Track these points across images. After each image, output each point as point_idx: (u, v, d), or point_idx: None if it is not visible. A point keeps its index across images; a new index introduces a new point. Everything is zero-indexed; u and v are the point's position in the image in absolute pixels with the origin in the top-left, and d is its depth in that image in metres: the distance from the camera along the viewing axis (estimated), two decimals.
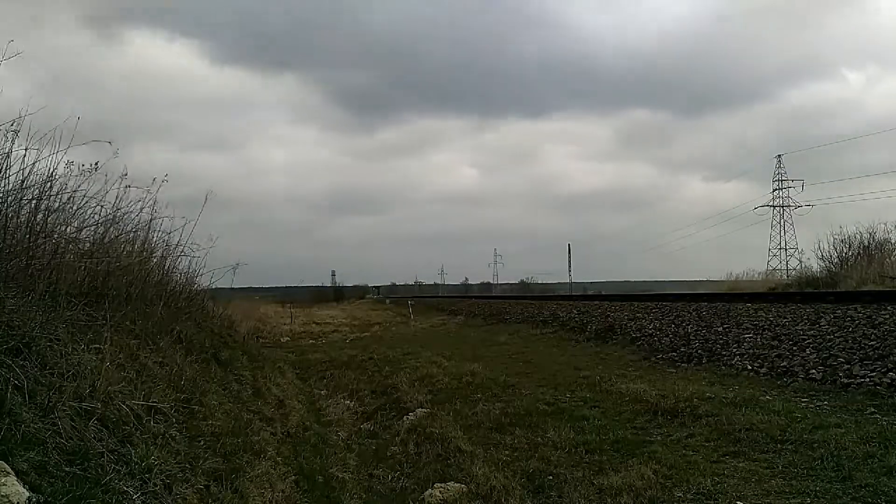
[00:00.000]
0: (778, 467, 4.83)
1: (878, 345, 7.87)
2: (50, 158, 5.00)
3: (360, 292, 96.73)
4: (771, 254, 50.17)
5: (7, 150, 4.53)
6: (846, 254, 21.74)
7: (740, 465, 5.00)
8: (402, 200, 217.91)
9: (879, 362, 7.42)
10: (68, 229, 5.47)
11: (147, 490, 3.11)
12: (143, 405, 3.96)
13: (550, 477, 5.17)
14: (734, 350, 9.91)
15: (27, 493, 2.36)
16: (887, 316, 8.70)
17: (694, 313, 13.09)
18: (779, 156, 51.33)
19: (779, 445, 5.33)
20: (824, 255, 22.55)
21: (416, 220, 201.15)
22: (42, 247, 4.75)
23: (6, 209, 4.37)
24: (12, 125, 4.55)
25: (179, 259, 8.79)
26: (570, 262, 70.87)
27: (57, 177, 5.19)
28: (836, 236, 22.10)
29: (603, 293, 35.58)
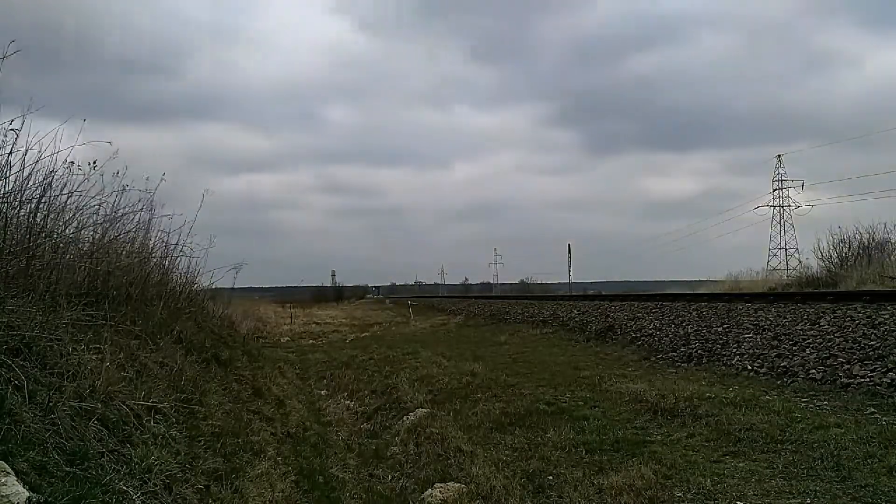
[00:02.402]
0: (778, 467, 4.83)
1: (877, 345, 7.87)
2: (50, 158, 5.00)
3: (360, 292, 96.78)
4: (771, 254, 50.11)
5: (7, 150, 4.52)
6: (846, 254, 21.77)
7: (740, 465, 5.00)
8: None
9: (879, 362, 7.42)
10: (68, 230, 5.47)
11: (147, 490, 3.11)
12: (143, 405, 3.96)
13: (550, 477, 5.17)
14: (734, 350, 9.91)
15: (27, 494, 2.36)
16: (887, 316, 8.70)
17: (694, 313, 13.09)
18: (779, 156, 51.17)
19: (779, 445, 5.33)
20: (824, 255, 22.60)
21: None
22: (42, 247, 4.75)
23: (6, 209, 4.37)
24: (10, 124, 4.54)
25: (179, 259, 8.79)
26: (570, 262, 70.81)
27: (57, 177, 5.19)
28: (836, 236, 22.15)
29: (603, 293, 35.59)
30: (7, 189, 4.53)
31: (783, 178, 50.66)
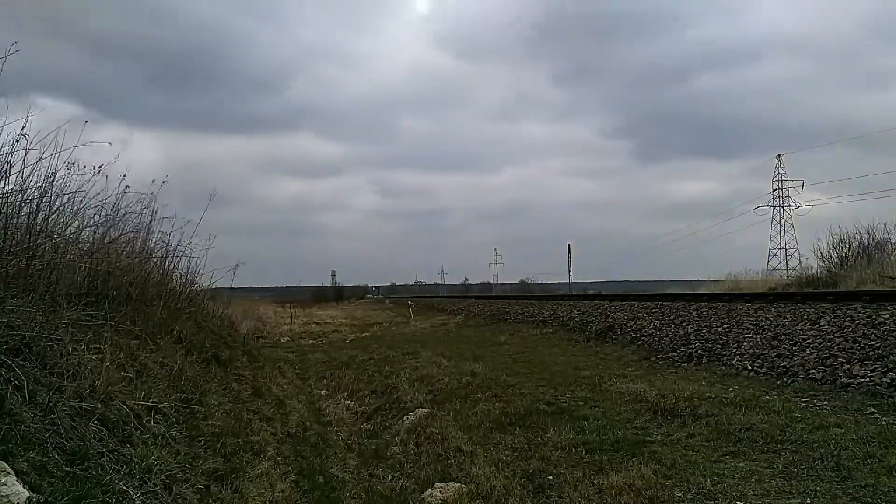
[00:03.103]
0: (778, 467, 4.83)
1: (877, 345, 7.87)
2: (51, 159, 5.00)
3: (360, 292, 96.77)
4: (771, 254, 50.13)
5: (9, 151, 4.52)
6: (846, 254, 21.76)
7: (740, 465, 5.00)
8: None
9: (879, 362, 7.42)
10: (68, 230, 5.47)
11: (147, 490, 3.11)
12: (143, 405, 3.96)
13: (550, 477, 5.17)
14: (734, 350, 9.91)
15: (27, 493, 2.36)
16: (887, 316, 8.70)
17: (694, 313, 13.09)
18: (779, 156, 51.25)
19: (779, 445, 5.33)
20: (824, 255, 22.59)
21: None
22: (42, 247, 4.75)
23: (7, 209, 4.37)
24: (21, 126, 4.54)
25: (179, 259, 8.79)
26: (570, 262, 70.82)
27: (58, 177, 5.19)
28: (836, 236, 22.14)
29: (603, 293, 35.60)
30: (8, 189, 4.54)
31: (783, 178, 50.74)
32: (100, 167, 5.81)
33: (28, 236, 4.58)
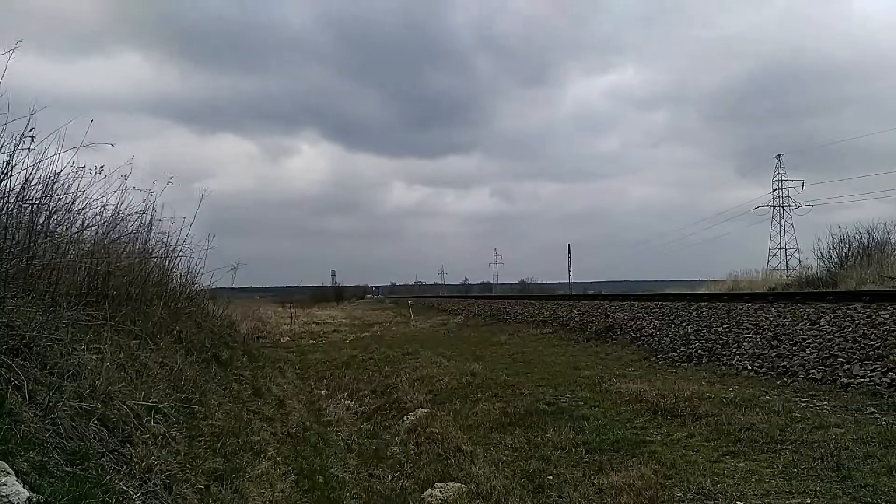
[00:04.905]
0: (778, 467, 4.83)
1: (877, 345, 7.87)
2: (53, 159, 5.00)
3: (360, 292, 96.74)
4: (771, 254, 50.13)
5: (10, 151, 4.51)
6: (846, 254, 21.77)
7: (740, 464, 5.00)
8: None
9: (879, 362, 7.42)
10: (69, 230, 5.47)
11: (147, 490, 3.11)
12: (143, 405, 3.96)
13: (550, 477, 5.17)
14: (734, 350, 9.91)
15: (27, 493, 2.36)
16: (887, 316, 8.69)
17: (694, 313, 13.09)
18: (779, 156, 51.26)
19: (779, 445, 5.33)
20: (824, 255, 22.60)
21: None
22: (42, 247, 4.75)
23: (8, 209, 4.37)
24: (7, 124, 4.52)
25: (179, 259, 8.79)
26: (569, 262, 70.87)
27: (60, 178, 5.18)
28: (836, 236, 22.15)
29: (603, 293, 35.61)
30: (9, 189, 4.53)
31: (783, 178, 50.75)
32: (101, 167, 5.80)
33: (28, 236, 4.58)
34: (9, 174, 4.46)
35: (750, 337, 10.13)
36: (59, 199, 5.21)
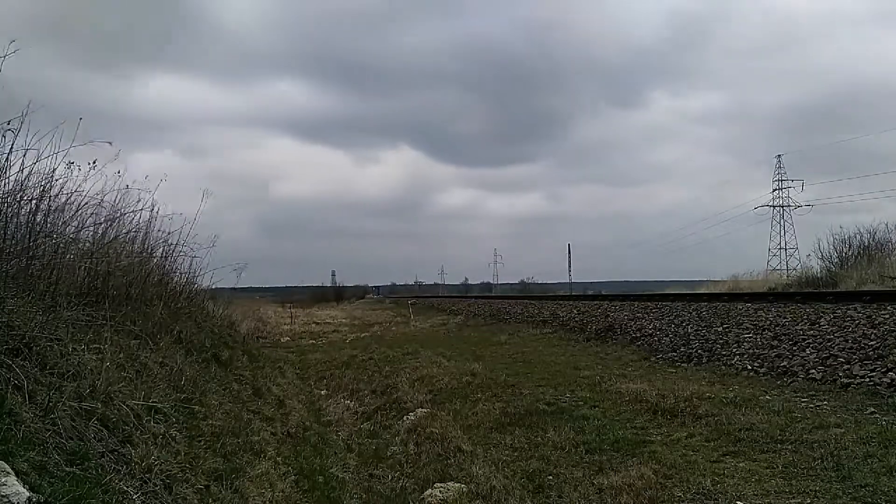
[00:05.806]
0: (778, 467, 4.83)
1: (877, 345, 7.87)
2: (50, 158, 4.99)
3: (360, 292, 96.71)
4: (771, 254, 50.14)
5: (7, 150, 4.51)
6: (846, 254, 21.77)
7: (740, 464, 5.00)
8: None
9: (879, 362, 7.42)
10: (68, 230, 5.46)
11: (147, 490, 3.11)
12: (143, 405, 3.96)
13: (550, 477, 5.17)
14: (734, 350, 9.91)
15: (27, 493, 2.36)
16: (887, 316, 8.69)
17: (694, 313, 13.09)
18: (779, 156, 51.31)
19: (779, 445, 5.33)
20: (824, 255, 22.61)
21: None
22: (42, 247, 4.75)
23: (6, 209, 4.36)
24: (8, 124, 4.52)
25: (180, 259, 8.79)
26: (569, 262, 70.90)
27: (57, 177, 5.17)
28: (836, 236, 22.15)
29: (603, 293, 35.61)
30: (7, 189, 4.53)
31: (783, 178, 50.76)
32: (94, 161, 5.76)
33: (28, 236, 4.58)
34: (7, 173, 4.46)
35: (750, 337, 10.13)
36: (56, 197, 5.20)
